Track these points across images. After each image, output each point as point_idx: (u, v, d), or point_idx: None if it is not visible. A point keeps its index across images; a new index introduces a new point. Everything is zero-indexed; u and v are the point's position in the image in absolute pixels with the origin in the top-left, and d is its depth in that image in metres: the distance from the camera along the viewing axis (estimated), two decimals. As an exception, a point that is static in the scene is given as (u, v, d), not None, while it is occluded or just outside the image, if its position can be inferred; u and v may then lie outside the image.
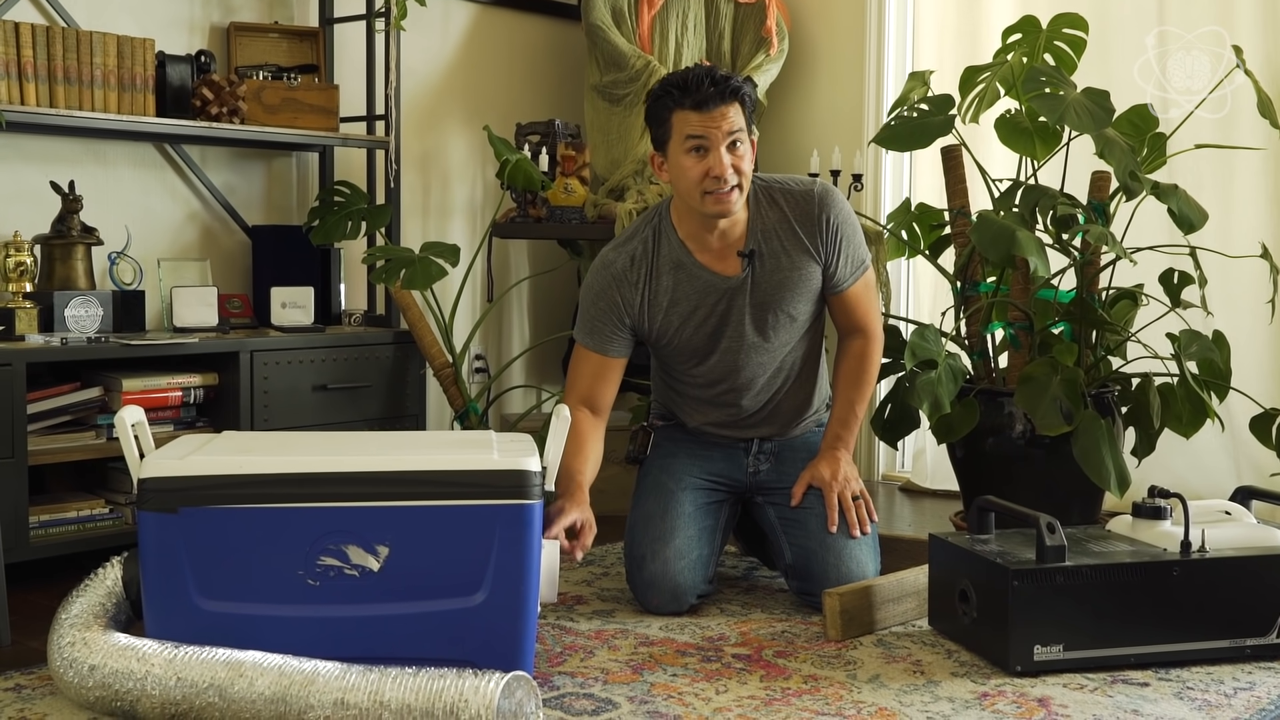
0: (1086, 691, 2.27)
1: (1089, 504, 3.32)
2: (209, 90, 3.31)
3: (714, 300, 2.76)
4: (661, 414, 2.99)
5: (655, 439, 2.95)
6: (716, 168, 2.62)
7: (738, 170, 2.65)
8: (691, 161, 2.64)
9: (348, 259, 3.83)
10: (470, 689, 1.95)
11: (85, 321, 3.11)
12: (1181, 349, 3.22)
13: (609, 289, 2.77)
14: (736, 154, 2.65)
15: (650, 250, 2.77)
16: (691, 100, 2.63)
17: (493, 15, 4.29)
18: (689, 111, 2.63)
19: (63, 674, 2.09)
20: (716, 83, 2.62)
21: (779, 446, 2.91)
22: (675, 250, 2.76)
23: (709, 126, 2.62)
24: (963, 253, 3.51)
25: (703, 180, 2.64)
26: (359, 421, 3.45)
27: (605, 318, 2.77)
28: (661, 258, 2.76)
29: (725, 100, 2.63)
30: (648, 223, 2.81)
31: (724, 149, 2.63)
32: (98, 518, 3.03)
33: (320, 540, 2.14)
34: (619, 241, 2.82)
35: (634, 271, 2.76)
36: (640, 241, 2.78)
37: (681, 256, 2.75)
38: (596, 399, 2.80)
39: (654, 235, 2.78)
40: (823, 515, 2.77)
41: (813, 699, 2.23)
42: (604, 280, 2.78)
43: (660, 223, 2.79)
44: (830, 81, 4.51)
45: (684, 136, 2.64)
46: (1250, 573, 2.42)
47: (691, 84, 2.63)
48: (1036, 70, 3.29)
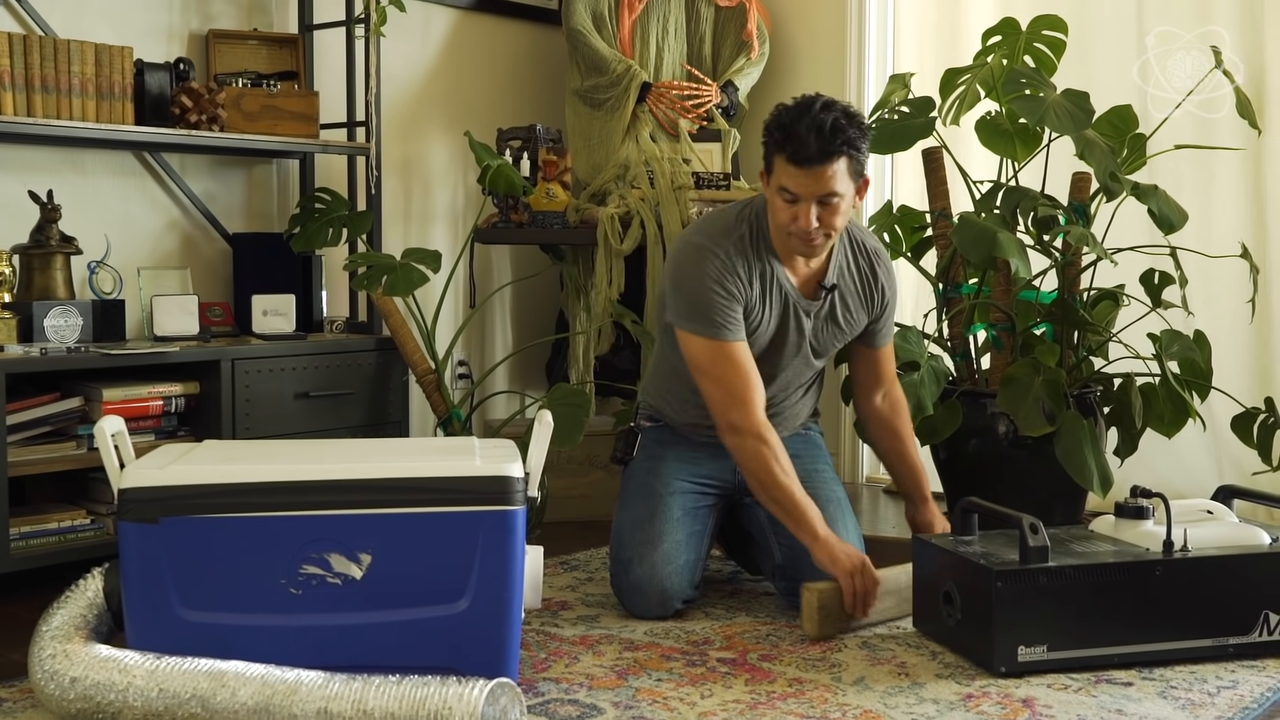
0: (1070, 692, 2.27)
1: (1072, 504, 3.33)
2: (188, 98, 3.30)
3: (785, 315, 2.76)
4: (649, 415, 2.98)
5: (642, 440, 2.93)
6: (803, 221, 2.59)
7: (825, 225, 2.61)
8: (781, 205, 2.62)
9: (329, 266, 3.81)
10: (454, 696, 1.94)
11: (65, 331, 3.10)
12: (1163, 349, 3.24)
13: (724, 278, 2.68)
14: (829, 208, 2.59)
15: (748, 247, 2.72)
16: (791, 153, 2.56)
17: (473, 20, 4.29)
18: (787, 163, 2.58)
19: (44, 686, 2.08)
20: (823, 139, 2.53)
21: None
22: (768, 255, 2.73)
23: (803, 184, 2.57)
24: (944, 255, 3.52)
25: (791, 224, 2.62)
26: (341, 429, 3.44)
27: (730, 304, 2.68)
28: (760, 258, 2.72)
29: (827, 160, 2.55)
30: (742, 219, 2.75)
31: (814, 204, 2.58)
32: (79, 529, 3.01)
33: (303, 549, 2.13)
34: (710, 232, 2.74)
35: (742, 263, 2.70)
36: (739, 237, 2.72)
37: (773, 263, 2.73)
38: (759, 391, 2.70)
39: (750, 233, 2.73)
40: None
41: (798, 702, 2.23)
42: (716, 268, 2.68)
43: (756, 221, 2.74)
44: (811, 84, 4.49)
45: (779, 184, 2.61)
46: (1233, 572, 2.43)
47: (797, 135, 2.54)
48: (1016, 72, 3.30)
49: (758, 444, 2.66)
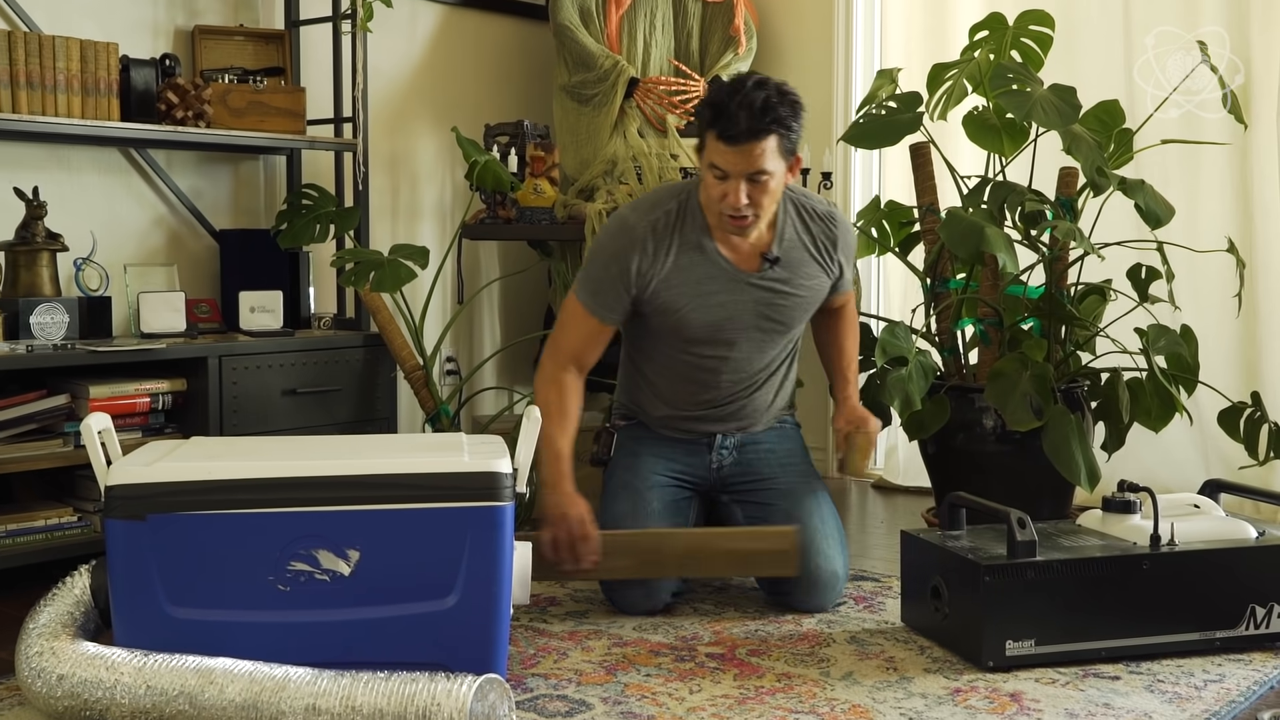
0: (1058, 686, 2.28)
1: (1059, 499, 3.34)
2: (174, 94, 3.28)
3: (727, 289, 2.74)
4: (624, 413, 2.98)
5: (618, 440, 2.93)
6: (732, 198, 2.59)
7: (755, 203, 2.61)
8: (712, 181, 2.62)
9: (316, 262, 3.80)
10: (443, 692, 1.94)
11: (51, 328, 3.08)
12: (1150, 344, 3.24)
13: (625, 254, 2.71)
14: (758, 186, 2.59)
15: (673, 224, 2.72)
16: (720, 130, 2.56)
17: (460, 16, 4.28)
18: (718, 140, 2.57)
19: (31, 684, 2.07)
20: (753, 116, 2.52)
21: (743, 440, 2.90)
22: (699, 232, 2.72)
23: (732, 162, 2.57)
24: (932, 250, 3.52)
25: (720, 201, 2.62)
26: (329, 425, 3.43)
27: (614, 284, 2.72)
28: (684, 235, 2.72)
29: (756, 138, 2.54)
30: (674, 195, 2.76)
31: (744, 181, 2.58)
32: (66, 526, 3.00)
33: (290, 545, 2.13)
34: (639, 206, 2.77)
35: (654, 241, 2.71)
36: (664, 213, 2.73)
37: (704, 240, 2.72)
38: (586, 360, 2.77)
39: (679, 209, 2.73)
40: (789, 513, 2.77)
41: (786, 697, 2.23)
42: (621, 244, 2.72)
43: (689, 200, 2.74)
44: (798, 80, 4.46)
45: (709, 161, 2.61)
46: (1219, 566, 2.44)
47: (728, 113, 2.54)
48: (1004, 67, 3.30)
49: (548, 386, 2.74)
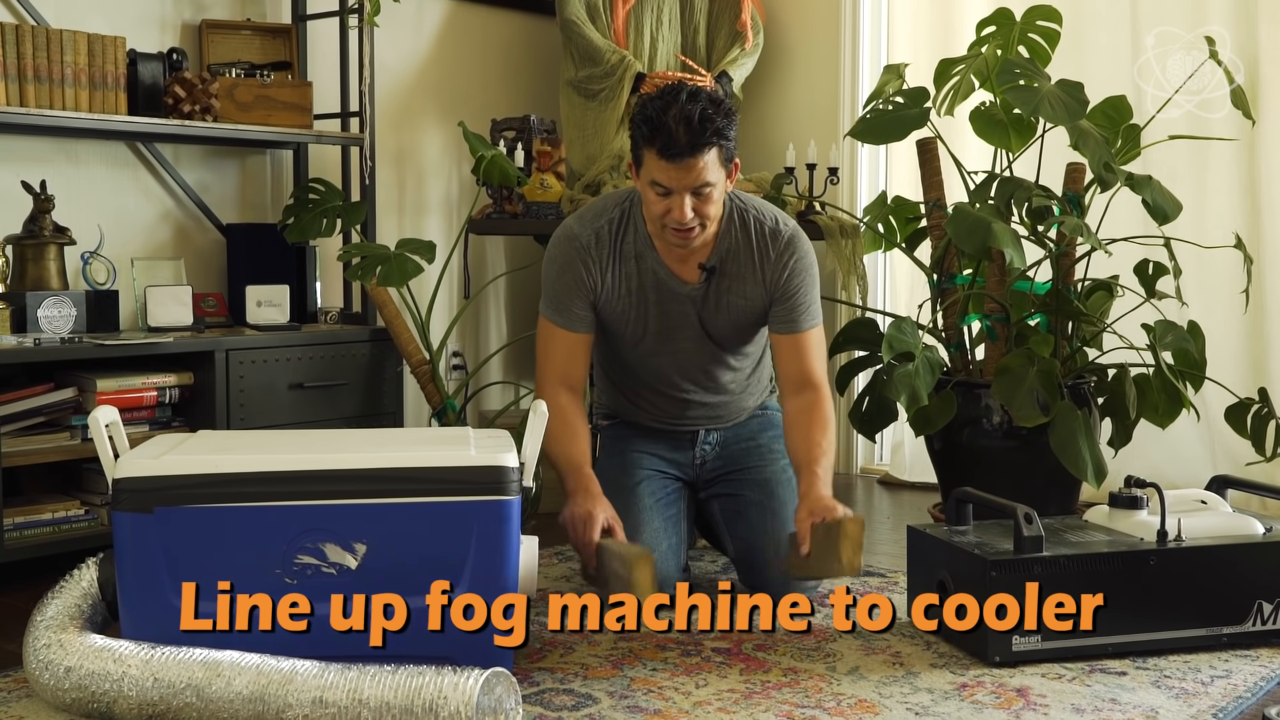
0: (1065, 681, 2.28)
1: (1066, 494, 3.33)
2: (181, 88, 3.29)
3: (666, 300, 2.73)
4: (606, 413, 2.98)
5: (602, 440, 2.93)
6: (677, 213, 2.55)
7: (700, 215, 2.57)
8: (654, 198, 2.58)
9: (323, 257, 3.81)
10: (449, 686, 1.94)
11: (58, 322, 3.09)
12: (1157, 339, 3.24)
13: (573, 263, 2.70)
14: (703, 198, 2.55)
15: (615, 233, 2.71)
16: (660, 147, 2.50)
17: (467, 11, 4.28)
18: (659, 158, 2.52)
19: (39, 676, 2.08)
20: (692, 131, 2.47)
21: (724, 436, 2.91)
22: (640, 241, 2.71)
23: (675, 178, 2.52)
24: (939, 245, 3.52)
25: (664, 216, 2.58)
26: (336, 420, 3.43)
27: (572, 294, 2.70)
28: (625, 243, 2.71)
29: (697, 152, 2.49)
30: (617, 204, 2.75)
31: (688, 196, 2.54)
32: (73, 519, 3.01)
33: (297, 539, 2.13)
34: (584, 215, 2.76)
35: (598, 249, 2.70)
36: (607, 221, 2.72)
37: (644, 250, 2.71)
38: (574, 377, 2.74)
39: (621, 218, 2.72)
40: (762, 505, 2.77)
41: (792, 692, 2.23)
42: (568, 253, 2.71)
43: (631, 209, 2.73)
44: (805, 75, 4.52)
45: (650, 179, 2.56)
46: (1226, 562, 2.43)
47: (665, 129, 2.48)
48: (1011, 62, 3.30)
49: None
